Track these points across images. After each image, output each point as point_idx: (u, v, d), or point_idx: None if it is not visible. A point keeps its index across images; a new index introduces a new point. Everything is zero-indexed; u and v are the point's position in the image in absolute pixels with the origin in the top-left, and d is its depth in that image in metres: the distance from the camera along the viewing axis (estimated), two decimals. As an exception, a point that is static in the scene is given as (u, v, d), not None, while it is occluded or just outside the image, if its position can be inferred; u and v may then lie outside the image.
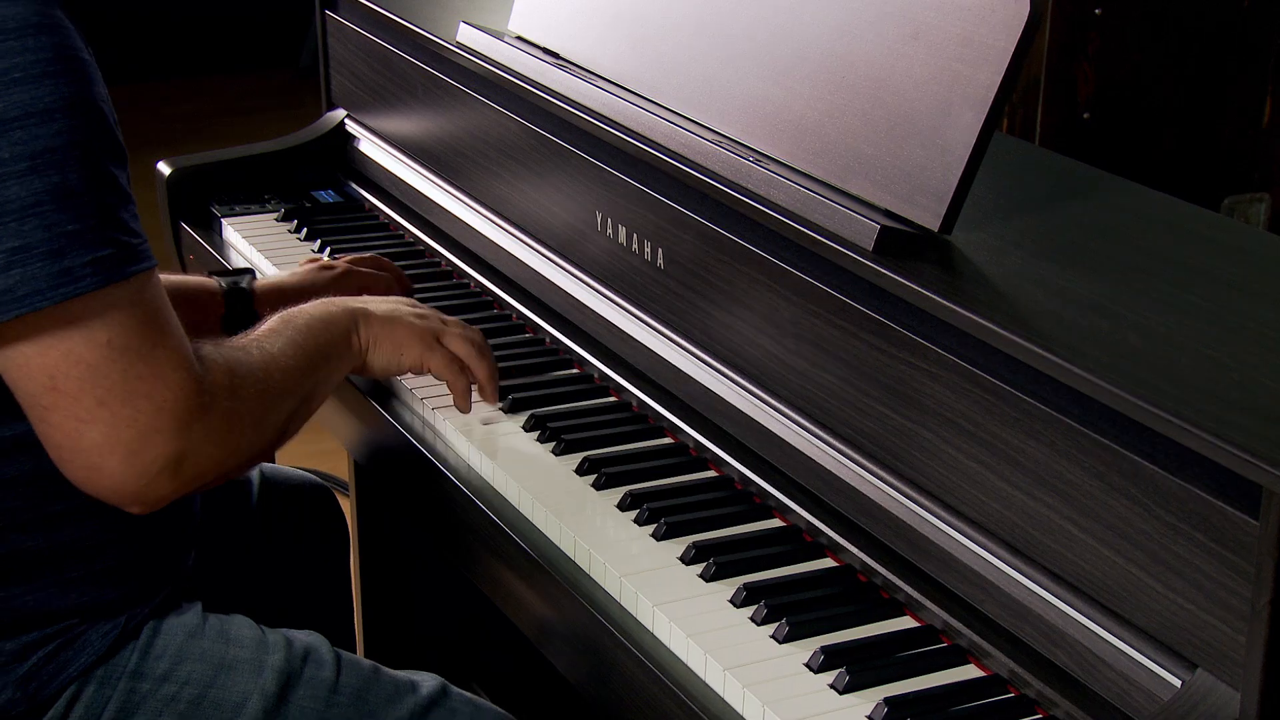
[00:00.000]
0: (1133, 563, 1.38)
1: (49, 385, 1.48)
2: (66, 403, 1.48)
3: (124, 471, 1.50)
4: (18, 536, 1.61)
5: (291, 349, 1.70)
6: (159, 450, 1.50)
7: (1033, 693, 1.46)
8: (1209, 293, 1.56)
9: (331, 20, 2.67)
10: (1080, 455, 1.41)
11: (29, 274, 1.45)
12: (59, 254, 1.45)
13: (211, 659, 1.69)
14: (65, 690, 1.64)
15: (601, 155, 2.01)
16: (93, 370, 1.47)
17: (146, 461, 1.50)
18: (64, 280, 1.45)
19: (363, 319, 1.84)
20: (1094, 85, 4.30)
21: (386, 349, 1.85)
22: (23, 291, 1.45)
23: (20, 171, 1.44)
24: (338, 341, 1.79)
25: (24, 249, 1.44)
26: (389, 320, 1.86)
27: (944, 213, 1.62)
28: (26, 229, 1.44)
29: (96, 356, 1.47)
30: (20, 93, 1.44)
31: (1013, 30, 1.59)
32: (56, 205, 1.45)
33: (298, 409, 1.71)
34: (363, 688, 1.72)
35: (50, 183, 1.45)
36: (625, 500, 1.76)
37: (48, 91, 1.46)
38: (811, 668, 1.51)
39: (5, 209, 1.44)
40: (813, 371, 1.71)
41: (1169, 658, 1.36)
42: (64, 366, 1.47)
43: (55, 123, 1.46)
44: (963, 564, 1.54)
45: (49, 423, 1.50)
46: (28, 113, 1.44)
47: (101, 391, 1.48)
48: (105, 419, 1.48)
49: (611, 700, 1.62)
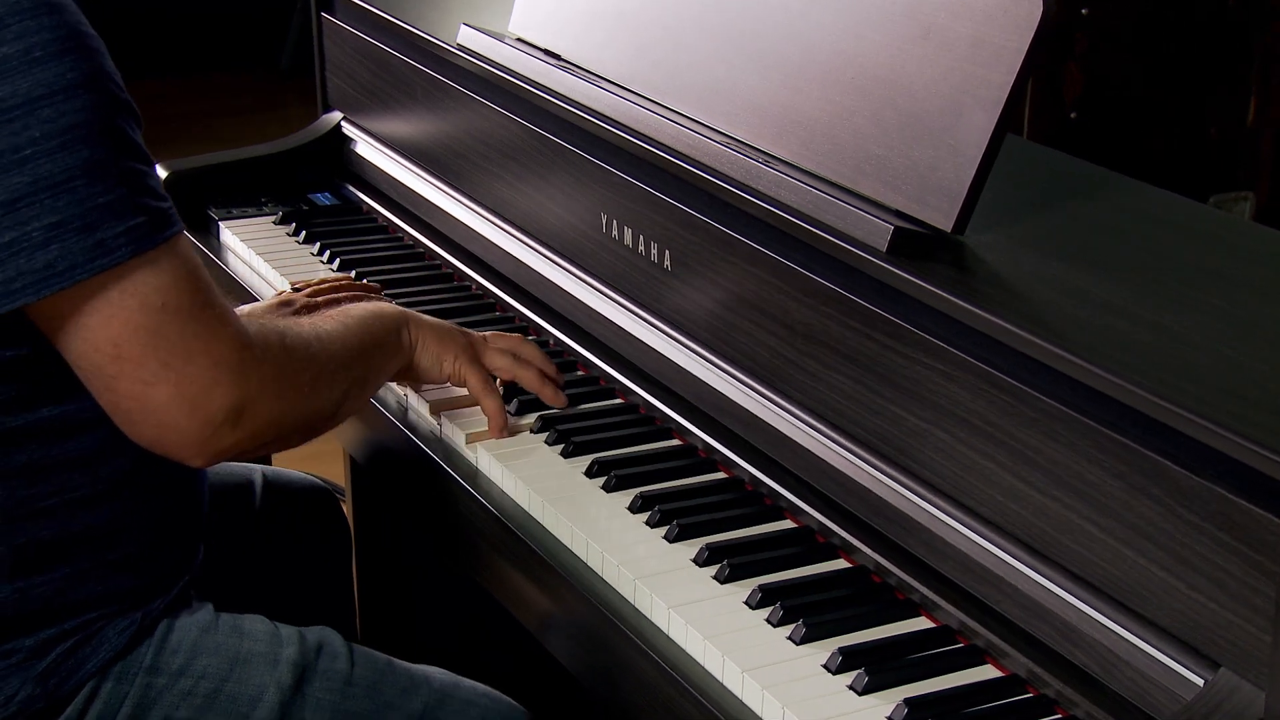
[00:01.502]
0: (1154, 562, 1.38)
1: (114, 354, 1.52)
2: (132, 368, 1.52)
3: (189, 425, 1.55)
4: (30, 526, 1.62)
5: (343, 330, 1.75)
6: (220, 402, 1.55)
7: (1052, 692, 1.46)
8: (1222, 292, 1.56)
9: (328, 23, 2.66)
10: (1100, 455, 1.41)
11: (66, 249, 1.48)
12: (93, 227, 1.48)
13: (226, 653, 1.70)
14: (84, 686, 1.65)
15: (607, 157, 2.01)
16: (154, 334, 1.52)
17: (210, 413, 1.55)
18: (99, 253, 1.49)
19: (413, 320, 1.88)
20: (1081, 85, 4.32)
21: (433, 352, 1.88)
22: (62, 266, 1.48)
23: (52, 149, 1.47)
24: (389, 332, 1.84)
25: (60, 224, 1.48)
26: (435, 327, 1.90)
27: (957, 213, 1.62)
28: (61, 204, 1.47)
29: (155, 320, 1.52)
30: (43, 71, 1.47)
31: (1025, 30, 1.59)
32: (88, 179, 1.48)
33: (350, 389, 1.74)
34: (377, 679, 1.74)
35: (81, 157, 1.48)
36: (636, 502, 1.76)
37: (69, 67, 1.48)
38: (830, 669, 1.51)
39: (40, 186, 1.47)
40: (824, 372, 1.71)
41: (1191, 657, 1.36)
42: (127, 333, 1.51)
43: (79, 97, 1.48)
44: (979, 564, 1.54)
45: (116, 391, 1.54)
46: (53, 90, 1.47)
47: (164, 353, 1.52)
48: (170, 379, 1.53)
49: (625, 702, 1.62)
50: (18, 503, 1.61)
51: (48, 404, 1.60)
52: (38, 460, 1.61)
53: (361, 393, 1.78)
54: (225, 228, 2.51)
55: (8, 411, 1.58)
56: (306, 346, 1.68)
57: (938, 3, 1.68)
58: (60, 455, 1.62)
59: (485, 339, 1.94)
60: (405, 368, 1.88)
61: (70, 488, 1.63)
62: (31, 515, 1.62)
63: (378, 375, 1.83)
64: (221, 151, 2.64)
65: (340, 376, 1.72)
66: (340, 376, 1.72)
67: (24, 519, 1.62)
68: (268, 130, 6.17)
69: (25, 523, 1.62)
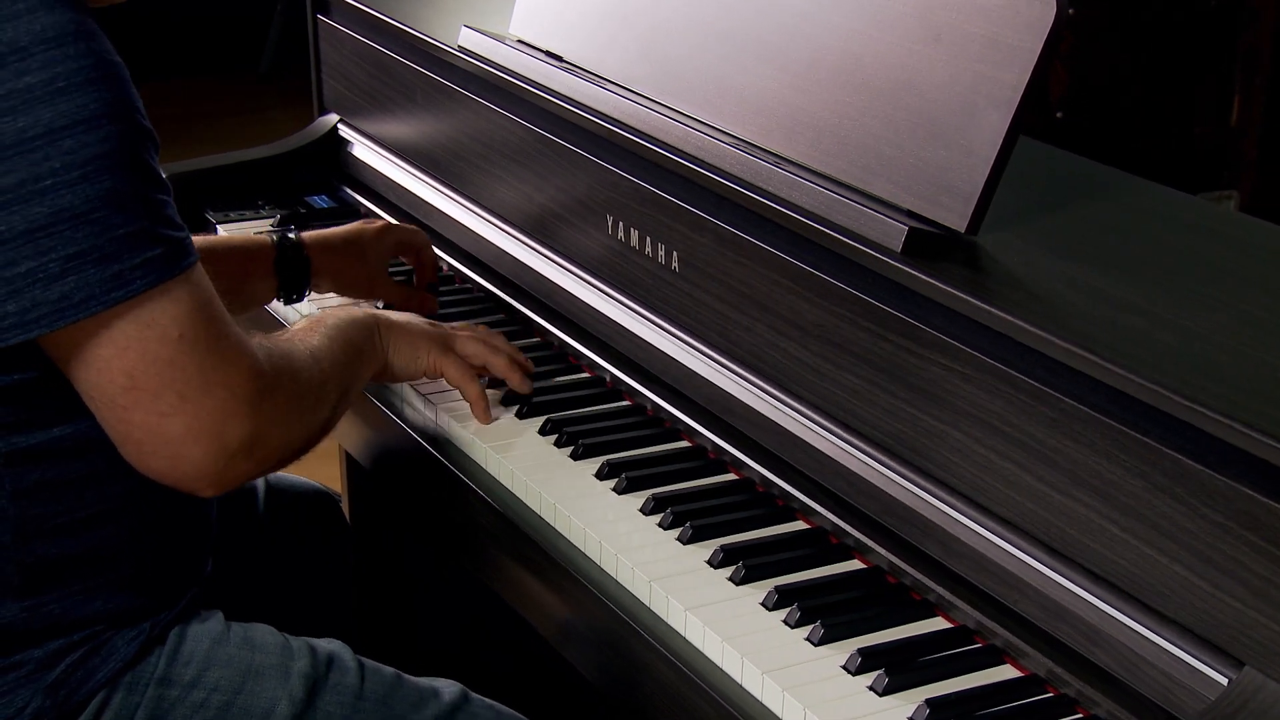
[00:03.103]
0: (1177, 561, 1.38)
1: (128, 385, 1.51)
2: (147, 400, 1.51)
3: (204, 457, 1.54)
4: (42, 544, 1.61)
5: (328, 343, 1.76)
6: (236, 433, 1.54)
7: (1072, 692, 1.46)
8: (1238, 290, 1.57)
9: (324, 25, 2.65)
10: (1121, 455, 1.41)
11: (84, 280, 1.47)
12: (112, 258, 1.47)
13: (238, 665, 1.69)
14: (94, 697, 1.64)
15: (613, 158, 2.01)
16: (170, 365, 1.51)
17: (225, 445, 1.54)
18: (116, 284, 1.48)
19: (382, 322, 1.90)
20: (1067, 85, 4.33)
21: (405, 352, 1.91)
22: (79, 297, 1.47)
23: (73, 180, 1.46)
24: (364, 340, 1.85)
25: (79, 255, 1.46)
26: (404, 326, 1.92)
27: (970, 214, 1.62)
28: (80, 236, 1.46)
29: (171, 352, 1.51)
30: (66, 102, 1.46)
31: (1039, 31, 1.59)
32: (108, 210, 1.47)
33: (339, 402, 1.75)
34: (387, 694, 1.73)
35: (103, 189, 1.47)
36: (649, 504, 1.76)
37: (93, 98, 1.47)
38: (849, 670, 1.51)
39: (60, 217, 1.46)
40: (836, 373, 1.71)
41: (1215, 656, 1.36)
42: (142, 365, 1.50)
43: (102, 129, 1.47)
44: (997, 565, 1.54)
45: (129, 422, 1.52)
46: (75, 121, 1.46)
47: (180, 385, 1.51)
48: (187, 410, 1.52)
49: (642, 705, 1.62)
50: (30, 521, 1.60)
51: (59, 423, 1.59)
52: (51, 479, 1.60)
53: (346, 403, 1.79)
54: (223, 231, 2.50)
55: (20, 431, 1.58)
56: (307, 367, 1.68)
57: (949, 4, 1.68)
58: (72, 474, 1.61)
59: (455, 328, 1.98)
60: (380, 370, 1.90)
61: (82, 506, 1.62)
62: (43, 534, 1.61)
63: (359, 383, 1.84)
64: (217, 154, 2.63)
65: (333, 391, 1.73)
66: (333, 391, 1.73)
67: (35, 537, 1.61)
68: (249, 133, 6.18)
69: (36, 541, 1.61)
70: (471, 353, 1.95)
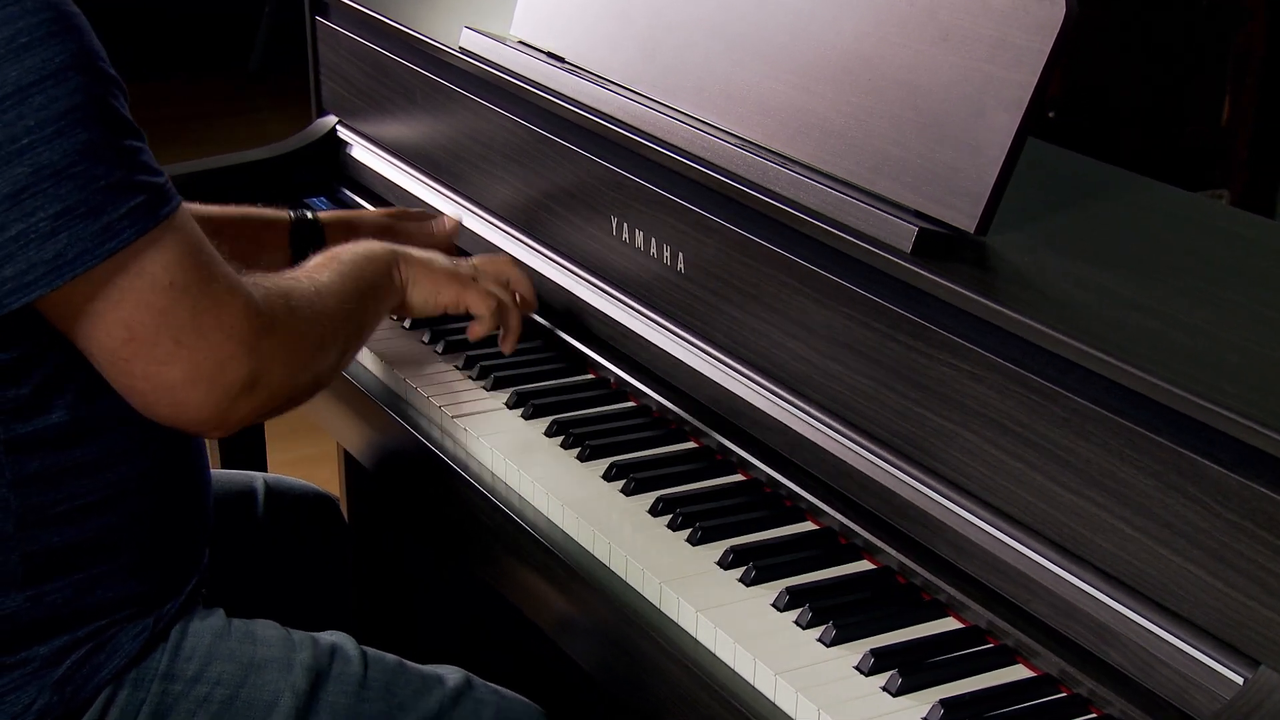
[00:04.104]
0: (1191, 561, 1.38)
1: (127, 337, 1.51)
2: (145, 349, 1.52)
3: (206, 400, 1.55)
4: (42, 533, 1.61)
5: (339, 280, 1.77)
6: (235, 374, 1.55)
7: (1085, 691, 1.46)
8: (1250, 289, 1.57)
9: (322, 26, 2.64)
10: (1134, 454, 1.41)
11: (75, 235, 1.46)
12: (98, 210, 1.47)
13: (241, 659, 1.70)
14: (100, 693, 1.65)
15: (617, 159, 2.01)
16: (164, 313, 1.51)
17: (225, 386, 1.55)
18: (107, 236, 1.47)
19: (402, 258, 1.92)
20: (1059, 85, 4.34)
21: (426, 286, 1.93)
22: (73, 254, 1.47)
23: (49, 136, 1.45)
24: (381, 275, 1.87)
25: (66, 211, 1.46)
26: (426, 262, 1.95)
27: (979, 214, 1.62)
28: (64, 191, 1.46)
29: (165, 299, 1.51)
30: (31, 57, 1.45)
31: (1048, 31, 1.59)
32: (88, 163, 1.47)
33: (350, 337, 1.76)
34: (390, 681, 1.74)
35: (79, 141, 1.46)
36: (657, 505, 1.75)
37: (56, 51, 1.46)
38: (862, 670, 1.51)
39: (42, 174, 1.45)
40: (845, 374, 1.71)
41: (1230, 655, 1.36)
42: (137, 315, 1.50)
43: (70, 80, 1.46)
44: (1009, 565, 1.54)
45: (131, 373, 1.53)
46: (43, 75, 1.45)
47: (175, 331, 1.52)
48: (184, 356, 1.52)
49: (652, 706, 1.62)
50: (30, 510, 1.60)
51: (57, 410, 1.59)
52: (49, 467, 1.60)
53: (359, 341, 1.81)
54: (222, 233, 2.50)
55: (19, 418, 1.57)
56: (310, 305, 1.68)
57: (957, 5, 1.68)
58: (70, 461, 1.61)
59: (476, 268, 2.00)
60: (399, 304, 1.93)
61: (81, 494, 1.62)
62: (43, 522, 1.61)
63: (374, 319, 1.86)
64: (217, 156, 2.63)
65: (341, 329, 1.74)
66: (341, 329, 1.74)
67: (36, 526, 1.60)
68: (240, 133, 6.18)
69: (37, 530, 1.61)
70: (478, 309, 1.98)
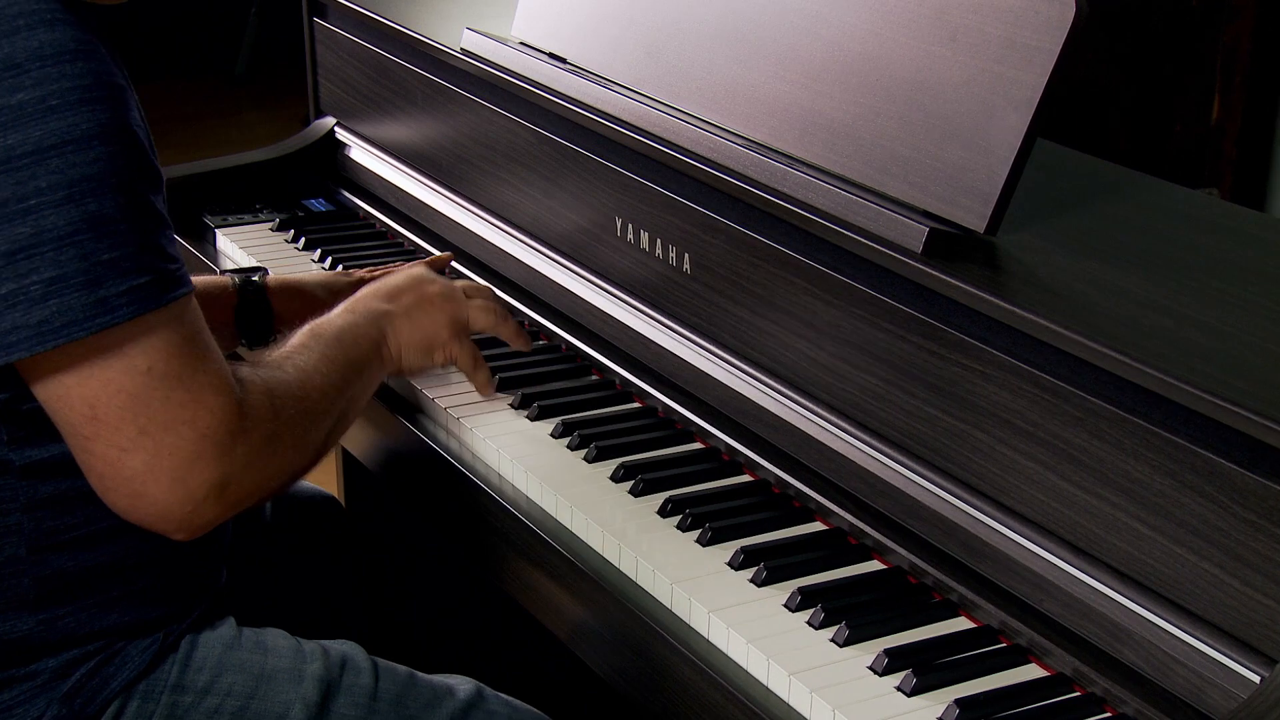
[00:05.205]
0: (1207, 559, 1.38)
1: (89, 415, 1.46)
2: (107, 432, 1.46)
3: (168, 498, 1.49)
4: (57, 557, 1.59)
5: (325, 364, 1.69)
6: (203, 476, 1.49)
7: (1099, 690, 1.47)
8: (1262, 288, 1.57)
9: (320, 28, 2.64)
10: (1149, 454, 1.41)
11: (65, 304, 1.42)
12: (95, 284, 1.43)
13: (251, 670, 1.68)
14: (109, 706, 1.63)
15: (621, 160, 2.01)
16: (133, 399, 1.46)
17: (191, 488, 1.49)
18: (100, 310, 1.43)
19: (389, 326, 1.83)
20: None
21: (417, 350, 1.87)
22: (59, 323, 1.43)
23: (58, 200, 1.42)
24: (369, 354, 1.79)
25: (61, 279, 1.42)
26: (414, 319, 1.86)
27: (989, 214, 1.63)
28: (63, 259, 1.42)
29: (137, 385, 1.46)
30: (57, 120, 1.42)
31: (1058, 31, 1.59)
32: (94, 234, 1.43)
33: (335, 425, 1.70)
34: (401, 693, 1.72)
35: (87, 211, 1.43)
36: (666, 506, 1.75)
37: (85, 118, 1.43)
38: (876, 670, 1.51)
39: (43, 238, 1.42)
40: (854, 374, 1.71)
41: (1247, 653, 1.37)
42: (104, 395, 1.45)
43: (92, 150, 1.43)
44: (1022, 565, 1.54)
45: (91, 452, 1.48)
46: (64, 140, 1.42)
47: (143, 420, 1.46)
48: (148, 447, 1.46)
49: (664, 707, 1.61)
50: (44, 534, 1.59)
51: None
52: (64, 491, 1.58)
53: (344, 426, 1.73)
54: (222, 235, 2.49)
55: (32, 444, 1.56)
56: (295, 401, 1.61)
57: (966, 5, 1.68)
58: (85, 486, 1.55)
59: (468, 293, 1.95)
60: (394, 372, 1.87)
61: (95, 519, 1.60)
62: (57, 547, 1.60)
63: (361, 400, 1.78)
64: (215, 158, 2.63)
65: (325, 417, 1.66)
66: (325, 417, 1.66)
67: (49, 550, 1.59)
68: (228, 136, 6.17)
69: (50, 554, 1.59)
70: (484, 325, 1.95)
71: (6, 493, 1.56)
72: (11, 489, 1.56)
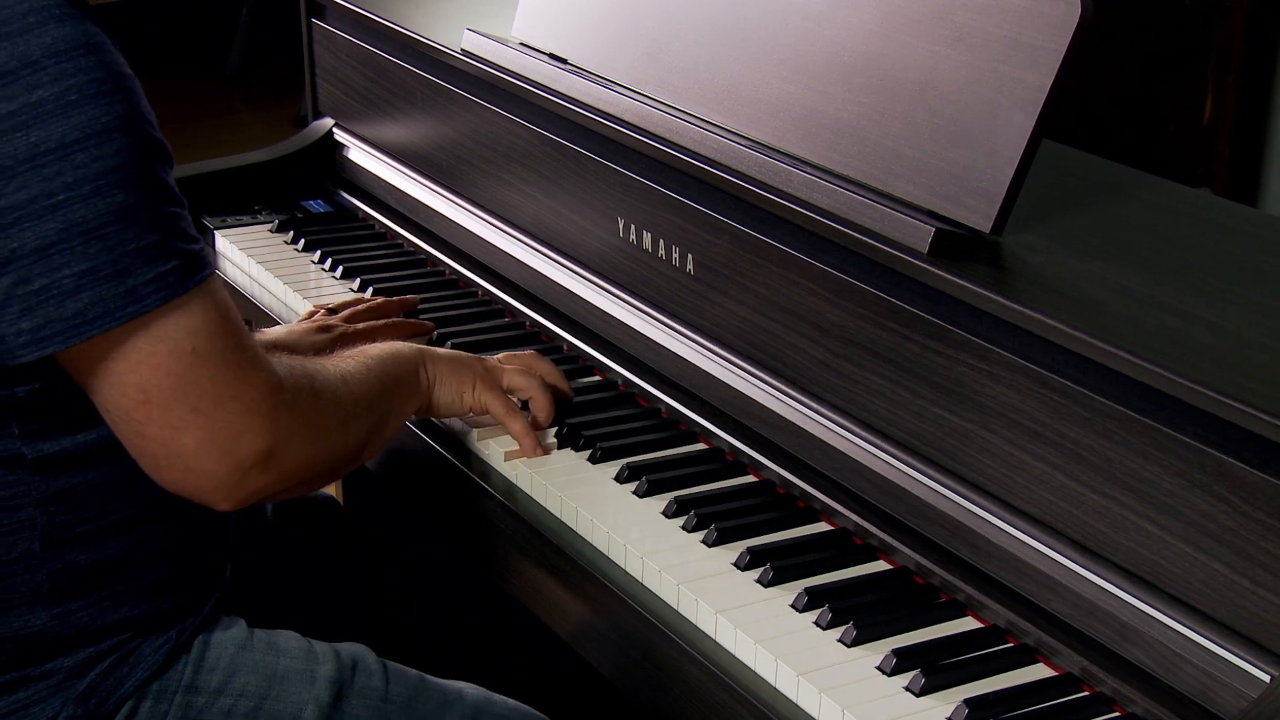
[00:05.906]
0: (1216, 558, 1.39)
1: (141, 399, 1.49)
2: (160, 414, 1.50)
3: (218, 471, 1.53)
4: (70, 551, 1.60)
5: (364, 371, 1.73)
6: (251, 447, 1.53)
7: (1108, 690, 1.47)
8: (1268, 288, 1.58)
9: (319, 29, 2.64)
10: (1158, 453, 1.42)
11: (98, 295, 1.45)
12: (125, 273, 1.46)
13: (264, 670, 1.69)
14: (123, 706, 1.64)
15: (624, 161, 2.01)
16: (182, 380, 1.49)
17: (240, 459, 1.53)
18: (130, 299, 1.46)
19: (428, 357, 1.87)
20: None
21: (451, 387, 1.87)
22: (94, 314, 1.45)
23: (85, 195, 1.44)
24: (408, 374, 1.82)
25: (91, 271, 1.45)
26: (451, 360, 1.89)
27: (995, 214, 1.63)
28: (93, 251, 1.45)
29: (184, 366, 1.49)
30: (78, 115, 1.44)
31: (1063, 32, 1.60)
32: (120, 225, 1.46)
33: (373, 429, 1.73)
34: (412, 696, 1.73)
35: (115, 203, 1.45)
36: (671, 507, 1.75)
37: (104, 110, 1.46)
38: (884, 670, 1.51)
39: (72, 233, 1.44)
40: (860, 375, 1.71)
41: (1256, 652, 1.37)
42: (155, 379, 1.49)
43: (114, 141, 1.46)
44: (1029, 565, 1.54)
45: (144, 435, 1.51)
46: (87, 135, 1.44)
47: (193, 399, 1.50)
48: (200, 424, 1.50)
49: (671, 707, 1.61)
50: (57, 528, 1.60)
51: (84, 429, 1.58)
52: (76, 485, 1.59)
53: (382, 434, 1.76)
54: (221, 236, 2.49)
55: (45, 438, 1.57)
56: (334, 389, 1.66)
57: (971, 5, 1.68)
58: (98, 480, 1.60)
59: (500, 361, 1.94)
60: (424, 405, 1.87)
61: (108, 512, 1.62)
62: (70, 541, 1.60)
63: (398, 416, 1.81)
64: (213, 159, 2.62)
65: (364, 418, 1.70)
66: (364, 418, 1.70)
67: (63, 545, 1.60)
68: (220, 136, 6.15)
69: (64, 548, 1.60)
70: (519, 385, 1.92)
71: (20, 488, 1.57)
72: (25, 484, 1.57)
